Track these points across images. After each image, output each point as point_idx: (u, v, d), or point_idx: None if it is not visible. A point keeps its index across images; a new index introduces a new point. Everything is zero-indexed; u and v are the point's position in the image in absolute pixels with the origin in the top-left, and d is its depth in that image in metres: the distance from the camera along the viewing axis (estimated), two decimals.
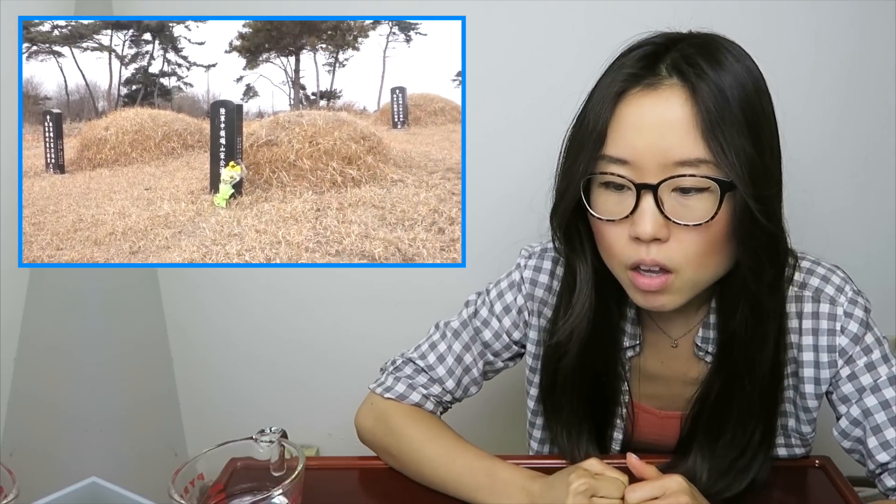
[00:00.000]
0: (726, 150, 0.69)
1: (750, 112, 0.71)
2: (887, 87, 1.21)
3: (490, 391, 1.02)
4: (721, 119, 0.69)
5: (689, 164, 0.70)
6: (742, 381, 0.79)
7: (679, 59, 0.72)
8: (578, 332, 0.82)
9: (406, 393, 0.91)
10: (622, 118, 0.72)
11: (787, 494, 0.86)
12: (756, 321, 0.78)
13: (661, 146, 0.70)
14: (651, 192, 0.71)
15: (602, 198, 0.75)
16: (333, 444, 1.49)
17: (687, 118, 0.70)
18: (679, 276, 0.74)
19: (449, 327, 0.94)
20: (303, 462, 0.68)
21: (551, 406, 0.88)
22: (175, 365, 1.53)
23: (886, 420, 0.79)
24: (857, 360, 0.81)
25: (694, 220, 0.71)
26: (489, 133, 1.27)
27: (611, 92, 0.73)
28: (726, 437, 0.81)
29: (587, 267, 0.81)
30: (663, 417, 0.91)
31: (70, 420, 1.26)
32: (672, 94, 0.71)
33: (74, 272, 1.32)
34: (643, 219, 0.71)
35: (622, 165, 0.72)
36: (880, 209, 1.28)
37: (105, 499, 0.68)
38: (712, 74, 0.70)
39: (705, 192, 0.71)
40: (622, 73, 0.73)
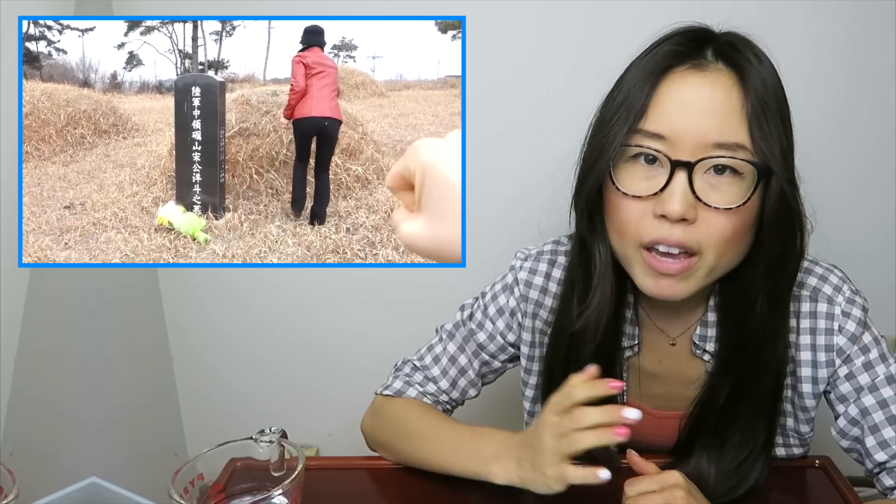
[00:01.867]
0: (766, 137, 0.70)
1: (784, 105, 0.73)
2: (887, 87, 1.22)
3: (488, 393, 1.02)
4: (765, 107, 0.70)
5: (726, 146, 0.70)
6: (756, 380, 0.79)
7: (725, 46, 0.73)
8: (603, 317, 0.80)
9: (403, 389, 0.93)
10: (665, 94, 0.72)
11: (787, 494, 0.86)
12: (774, 315, 0.78)
13: (701, 126, 0.70)
14: (686, 170, 0.70)
15: (629, 172, 0.73)
16: (333, 444, 1.49)
17: (733, 102, 0.70)
18: (702, 260, 0.73)
19: (444, 329, 0.96)
20: (303, 462, 0.68)
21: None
22: (175, 365, 1.52)
23: (884, 419, 0.79)
24: (855, 359, 0.81)
25: (725, 203, 0.71)
26: (489, 133, 1.27)
27: (655, 67, 0.72)
28: (735, 439, 0.80)
29: (607, 250, 0.79)
30: (661, 418, 0.91)
31: (70, 420, 1.26)
32: (719, 77, 0.71)
33: (74, 272, 1.32)
34: (674, 197, 0.70)
35: (658, 140, 0.71)
36: (880, 209, 1.28)
37: (105, 499, 0.69)
38: (756, 64, 0.72)
39: (737, 176, 0.71)
40: (666, 51, 0.73)
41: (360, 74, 2.18)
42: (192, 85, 1.34)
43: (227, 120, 1.44)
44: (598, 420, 0.67)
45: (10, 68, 1.16)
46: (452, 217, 0.48)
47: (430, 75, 1.82)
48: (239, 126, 1.47)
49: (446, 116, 1.68)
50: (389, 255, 1.32)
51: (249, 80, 1.94)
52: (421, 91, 2.23)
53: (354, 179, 1.54)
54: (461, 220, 0.49)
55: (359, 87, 2.22)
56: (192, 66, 1.91)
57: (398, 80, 2.16)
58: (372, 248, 1.35)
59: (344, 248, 1.35)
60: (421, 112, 2.09)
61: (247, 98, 1.53)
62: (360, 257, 1.32)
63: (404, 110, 1.86)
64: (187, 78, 1.38)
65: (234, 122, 1.47)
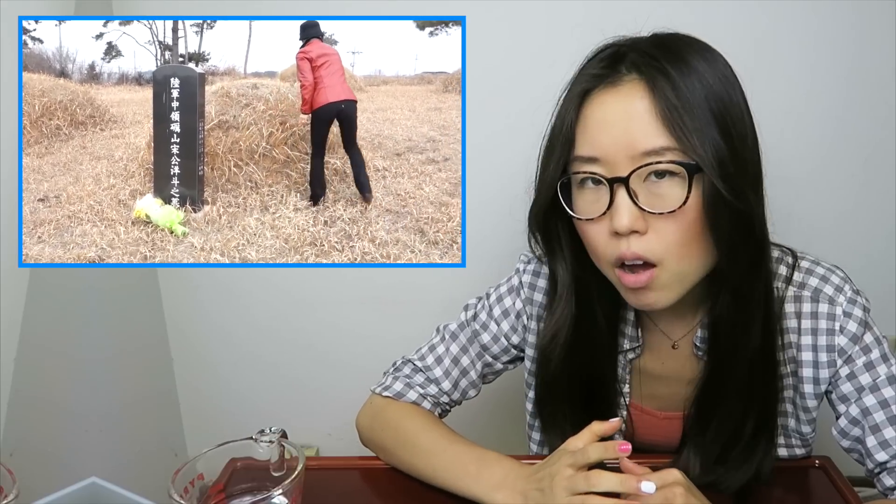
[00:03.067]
0: (688, 135, 0.70)
1: (715, 102, 0.72)
2: (887, 87, 1.21)
3: (489, 392, 1.02)
4: (681, 106, 0.70)
5: (654, 153, 0.71)
6: (728, 366, 0.80)
7: (639, 56, 0.74)
8: (560, 337, 0.84)
9: (403, 391, 0.92)
10: (587, 118, 0.75)
11: (787, 494, 0.86)
12: (738, 307, 0.78)
13: (626, 139, 0.72)
14: (623, 185, 0.72)
15: (580, 198, 0.77)
16: (333, 444, 1.49)
17: (647, 109, 0.71)
18: (664, 269, 0.74)
19: (447, 330, 0.95)
20: (303, 462, 0.68)
21: (546, 411, 0.89)
22: (175, 365, 1.53)
23: (885, 419, 0.79)
24: (856, 359, 0.81)
25: (667, 207, 0.72)
26: (489, 133, 1.27)
27: (574, 94, 0.75)
28: (713, 425, 0.81)
29: (566, 272, 0.83)
30: (664, 419, 0.91)
31: (70, 420, 1.26)
32: (632, 88, 0.73)
33: (74, 272, 1.32)
34: (619, 212, 0.72)
35: (593, 163, 0.74)
36: (880, 209, 1.28)
37: (105, 499, 0.69)
38: (671, 67, 0.72)
39: (675, 178, 0.72)
40: (585, 75, 0.76)
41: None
42: (171, 76, 1.33)
43: (207, 112, 1.44)
44: (614, 489, 0.69)
45: (10, 68, 1.16)
46: None
47: (407, 71, 1.85)
48: (219, 119, 1.47)
49: (423, 111, 1.72)
50: (366, 247, 1.35)
51: (230, 73, 1.94)
52: (398, 86, 2.27)
53: (333, 173, 1.56)
54: (461, 220, 0.49)
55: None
56: (173, 57, 1.89)
57: (377, 75, 2.19)
58: (349, 240, 1.37)
59: (321, 241, 1.36)
60: (398, 107, 2.13)
61: (227, 90, 1.53)
62: (338, 250, 1.34)
63: (382, 105, 1.90)
64: (166, 69, 1.37)
65: (213, 114, 1.47)
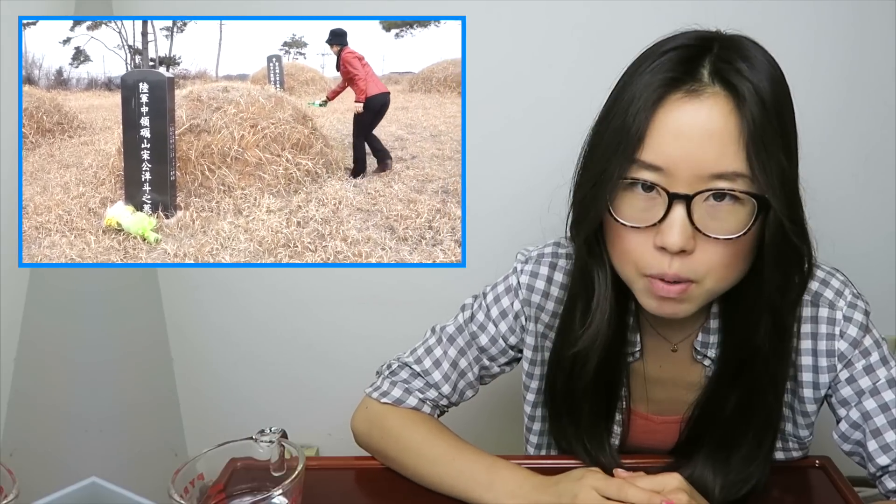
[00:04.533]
0: (766, 166, 0.67)
1: (784, 120, 0.69)
2: (887, 87, 1.21)
3: (487, 394, 1.02)
4: (763, 132, 0.67)
5: (725, 177, 0.68)
6: (765, 396, 0.79)
7: (719, 63, 0.69)
8: (602, 339, 0.80)
9: (403, 398, 0.90)
10: (661, 124, 0.69)
11: (787, 494, 0.86)
12: (779, 337, 0.77)
13: (699, 157, 0.68)
14: (684, 203, 0.69)
15: (627, 202, 0.72)
16: (333, 444, 1.49)
17: (730, 130, 0.67)
18: (700, 286, 0.72)
19: (445, 331, 0.93)
20: (303, 462, 0.68)
21: (566, 411, 0.87)
22: (175, 365, 1.52)
23: (886, 423, 0.79)
24: (856, 363, 0.81)
25: (725, 233, 0.69)
26: (489, 133, 1.27)
27: (649, 96, 0.69)
28: (742, 452, 0.80)
29: (606, 273, 0.79)
30: (661, 423, 0.91)
31: (70, 420, 1.26)
32: (716, 103, 0.68)
33: (74, 272, 1.32)
34: (672, 229, 0.69)
35: (656, 172, 0.69)
36: (880, 209, 1.28)
37: (105, 499, 0.68)
38: (755, 82, 0.68)
39: (737, 203, 0.69)
40: (660, 77, 0.69)
41: (309, 71, 2.24)
42: (140, 81, 1.30)
43: (178, 116, 1.41)
44: None
45: (10, 68, 1.16)
46: None
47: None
48: (190, 123, 1.45)
49: (390, 112, 1.78)
50: (339, 246, 1.35)
51: (202, 76, 1.94)
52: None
53: (305, 174, 1.56)
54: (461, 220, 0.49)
55: (309, 84, 2.28)
56: (143, 62, 1.87)
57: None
58: (322, 240, 1.37)
59: (295, 242, 1.36)
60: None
61: (197, 94, 1.51)
62: (311, 250, 1.35)
63: (350, 105, 1.95)
64: (135, 74, 1.33)
65: (184, 118, 1.45)
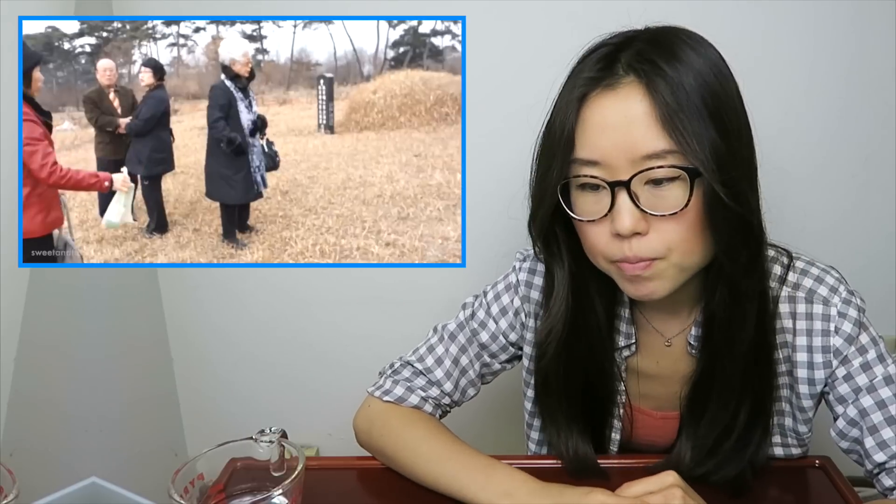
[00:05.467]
0: (688, 139, 0.70)
1: (711, 98, 0.72)
2: (887, 87, 1.21)
3: (488, 393, 1.02)
4: (679, 109, 0.70)
5: (656, 156, 0.71)
6: (722, 361, 0.81)
7: (633, 56, 0.74)
8: (555, 333, 0.84)
9: (405, 396, 0.91)
10: (587, 121, 0.74)
11: (787, 494, 0.86)
12: (734, 302, 0.78)
13: (626, 143, 0.72)
14: (625, 188, 0.72)
15: (581, 199, 0.77)
16: (333, 444, 1.49)
17: (646, 112, 0.71)
18: (666, 261, 0.75)
19: (446, 330, 0.94)
20: (303, 462, 0.68)
21: (544, 406, 0.90)
22: (175, 365, 1.53)
23: (883, 420, 0.79)
24: (853, 360, 0.81)
25: (668, 209, 0.72)
26: (489, 133, 1.27)
27: (573, 97, 0.75)
28: (707, 416, 0.82)
29: (563, 271, 0.84)
30: (661, 418, 0.91)
31: (70, 420, 1.26)
32: (630, 91, 0.72)
33: (74, 272, 1.32)
34: (621, 215, 0.73)
35: (593, 166, 0.74)
36: (880, 209, 1.28)
37: (105, 499, 0.68)
38: (667, 67, 0.71)
39: (676, 181, 0.72)
40: (582, 78, 0.75)
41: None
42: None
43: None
44: None
45: (10, 68, 1.16)
46: None
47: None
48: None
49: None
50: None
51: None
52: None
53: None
54: (461, 220, 0.49)
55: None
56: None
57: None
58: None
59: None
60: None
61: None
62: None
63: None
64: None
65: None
